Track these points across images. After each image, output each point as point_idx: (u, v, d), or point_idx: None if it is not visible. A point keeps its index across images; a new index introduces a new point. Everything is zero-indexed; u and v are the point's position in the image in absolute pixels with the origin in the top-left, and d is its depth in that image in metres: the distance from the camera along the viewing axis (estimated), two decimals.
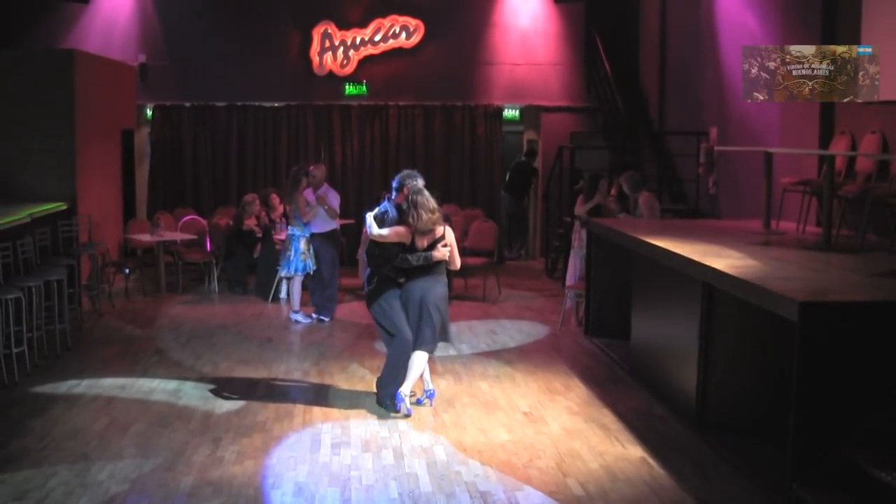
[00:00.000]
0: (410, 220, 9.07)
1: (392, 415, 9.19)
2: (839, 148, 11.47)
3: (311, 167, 13.93)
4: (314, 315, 13.63)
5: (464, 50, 19.41)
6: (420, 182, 9.37)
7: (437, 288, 9.29)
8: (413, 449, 8.34)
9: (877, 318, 7.04)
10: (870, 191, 10.44)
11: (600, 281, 12.56)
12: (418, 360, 9.26)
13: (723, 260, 8.76)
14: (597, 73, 18.93)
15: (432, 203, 9.14)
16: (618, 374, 10.96)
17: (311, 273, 13.40)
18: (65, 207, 13.64)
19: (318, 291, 13.71)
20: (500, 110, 19.67)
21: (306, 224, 13.32)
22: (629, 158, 17.09)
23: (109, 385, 10.27)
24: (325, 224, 13.50)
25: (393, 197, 9.46)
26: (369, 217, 9.25)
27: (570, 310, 13.66)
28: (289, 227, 13.57)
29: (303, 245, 13.29)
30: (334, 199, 13.67)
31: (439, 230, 9.24)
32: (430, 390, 9.64)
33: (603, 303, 12.52)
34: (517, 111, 20.29)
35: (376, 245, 9.33)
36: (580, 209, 13.57)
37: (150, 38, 18.93)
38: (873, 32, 10.69)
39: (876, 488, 6.48)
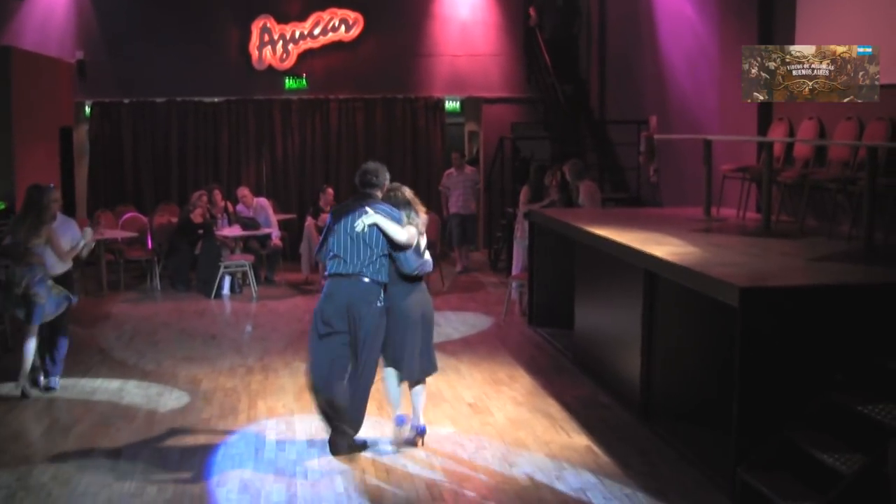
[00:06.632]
0: (410, 219, 7.99)
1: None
2: (777, 134, 11.58)
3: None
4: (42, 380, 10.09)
5: (403, 42, 19.36)
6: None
7: (428, 298, 8.34)
8: None
9: (817, 302, 7.11)
10: (808, 176, 10.58)
11: (543, 271, 12.60)
12: (422, 392, 8.37)
13: (664, 247, 8.82)
14: (537, 64, 18.96)
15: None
16: (562, 364, 11.00)
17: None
18: (3, 207, 13.45)
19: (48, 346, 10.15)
20: (441, 102, 19.64)
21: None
22: (570, 148, 17.14)
23: None
24: (65, 264, 10.10)
25: (379, 196, 8.04)
26: (395, 227, 7.85)
27: (513, 300, 13.68)
28: (29, 268, 9.68)
29: (50, 283, 9.74)
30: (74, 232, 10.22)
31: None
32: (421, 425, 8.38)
33: (546, 292, 12.55)
34: (458, 103, 20.27)
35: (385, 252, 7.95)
36: (523, 204, 13.57)
37: (88, 34, 18.69)
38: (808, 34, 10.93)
39: (818, 469, 6.55)
